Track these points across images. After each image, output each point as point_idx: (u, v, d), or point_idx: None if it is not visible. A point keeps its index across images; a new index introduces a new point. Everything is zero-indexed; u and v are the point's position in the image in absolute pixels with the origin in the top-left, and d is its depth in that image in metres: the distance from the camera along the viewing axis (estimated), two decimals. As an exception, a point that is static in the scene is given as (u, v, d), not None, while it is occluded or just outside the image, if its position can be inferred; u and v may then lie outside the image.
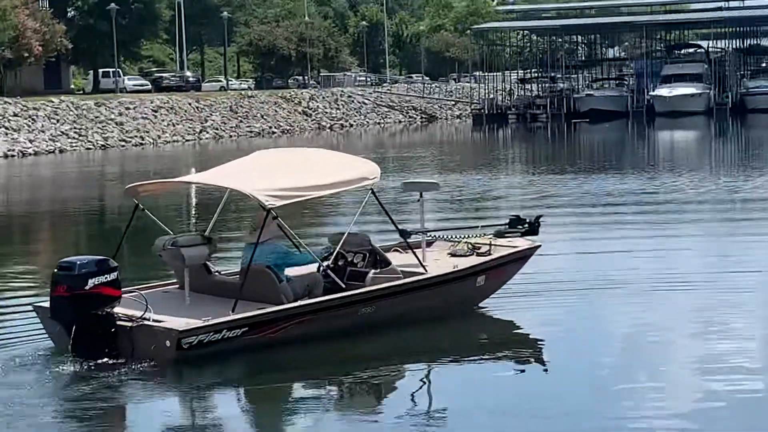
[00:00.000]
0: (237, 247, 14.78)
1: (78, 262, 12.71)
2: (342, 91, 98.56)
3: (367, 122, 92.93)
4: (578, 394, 11.73)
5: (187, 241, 13.82)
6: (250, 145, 69.32)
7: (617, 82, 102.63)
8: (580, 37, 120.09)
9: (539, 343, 14.14)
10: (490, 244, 15.44)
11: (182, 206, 31.38)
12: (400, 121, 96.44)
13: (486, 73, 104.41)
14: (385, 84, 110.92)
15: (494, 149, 62.49)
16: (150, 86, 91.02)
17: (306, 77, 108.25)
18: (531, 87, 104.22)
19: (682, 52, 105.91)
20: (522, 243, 15.69)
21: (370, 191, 14.33)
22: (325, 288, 13.77)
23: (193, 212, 29.08)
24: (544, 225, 16.55)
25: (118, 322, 12.72)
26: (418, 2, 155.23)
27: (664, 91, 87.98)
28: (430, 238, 15.86)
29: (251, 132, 79.12)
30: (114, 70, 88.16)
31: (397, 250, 15.15)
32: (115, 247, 14.08)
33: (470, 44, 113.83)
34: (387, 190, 29.55)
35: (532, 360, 13.58)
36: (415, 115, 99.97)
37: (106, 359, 12.55)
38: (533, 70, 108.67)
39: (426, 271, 14.34)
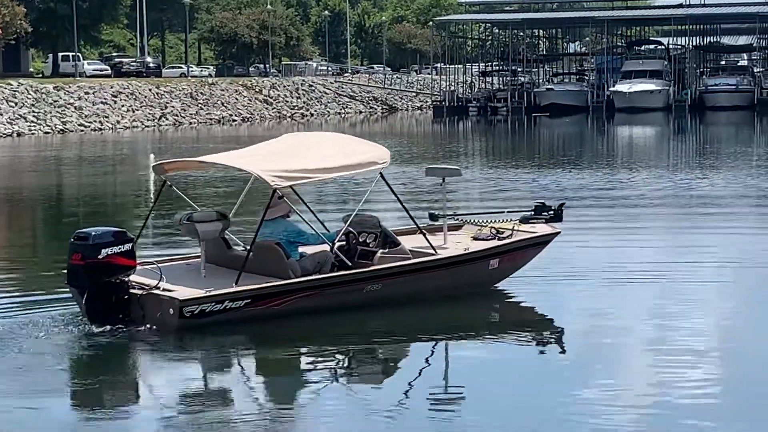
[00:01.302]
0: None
1: (93, 233, 13.51)
2: (303, 80, 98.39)
3: (328, 112, 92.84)
4: (582, 374, 12.07)
5: (202, 216, 14.51)
6: (209, 132, 69.16)
7: (578, 76, 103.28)
8: (541, 31, 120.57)
9: (550, 324, 14.60)
10: (513, 229, 16.05)
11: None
12: (360, 112, 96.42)
13: (447, 65, 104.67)
14: (346, 74, 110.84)
15: (453, 141, 62.60)
16: (110, 71, 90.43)
17: (267, 65, 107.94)
18: (492, 80, 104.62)
19: (643, 48, 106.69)
20: (544, 229, 16.29)
21: (380, 175, 14.95)
22: (335, 266, 14.45)
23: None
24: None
25: (132, 291, 13.56)
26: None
27: (623, 86, 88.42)
28: (458, 221, 16.78)
29: (211, 119, 78.87)
30: (74, 54, 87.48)
31: (421, 233, 15.65)
32: (144, 222, 15.44)
33: (432, 36, 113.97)
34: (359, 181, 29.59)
35: (541, 340, 13.92)
36: (375, 106, 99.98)
37: (117, 324, 13.38)
38: (495, 63, 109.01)
39: (436, 252, 14.94)
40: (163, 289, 13.52)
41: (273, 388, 11.99)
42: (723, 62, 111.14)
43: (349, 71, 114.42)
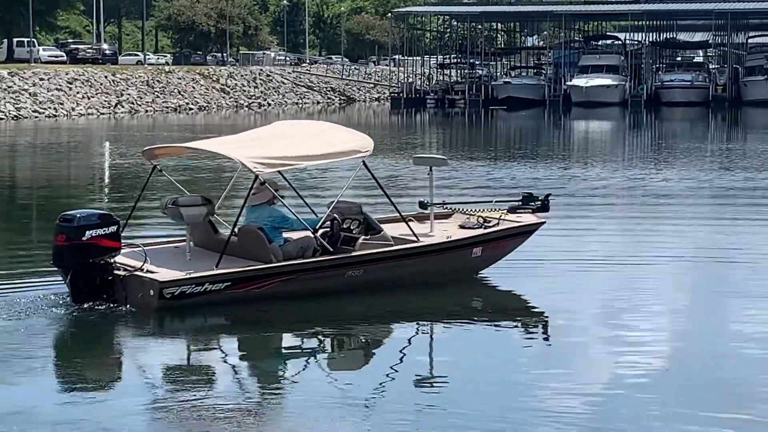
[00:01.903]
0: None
1: (78, 215, 13.91)
2: (261, 69, 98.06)
3: (285, 102, 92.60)
4: (560, 359, 12.34)
5: (187, 201, 14.89)
6: (165, 120, 68.81)
7: (535, 70, 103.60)
8: (500, 24, 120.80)
9: (533, 310, 14.94)
10: (500, 219, 16.42)
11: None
12: (318, 102, 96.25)
13: (406, 57, 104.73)
14: (304, 64, 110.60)
15: (411, 133, 62.69)
16: (65, 58, 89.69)
17: (225, 54, 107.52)
18: (450, 72, 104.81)
19: (600, 43, 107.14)
20: (529, 219, 16.61)
21: (363, 163, 15.29)
22: (317, 251, 14.73)
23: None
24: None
25: (116, 272, 13.94)
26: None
27: (580, 81, 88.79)
28: (447, 210, 17.15)
29: (167, 107, 78.45)
30: (29, 40, 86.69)
31: (411, 220, 16.06)
32: (133, 205, 15.73)
33: (391, 27, 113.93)
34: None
35: (520, 325, 14.18)
36: (333, 97, 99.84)
37: (100, 304, 13.76)
38: (453, 56, 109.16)
39: (418, 240, 15.25)
40: (147, 271, 13.83)
41: (252, 370, 12.16)
42: (679, 58, 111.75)
43: (307, 61, 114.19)
